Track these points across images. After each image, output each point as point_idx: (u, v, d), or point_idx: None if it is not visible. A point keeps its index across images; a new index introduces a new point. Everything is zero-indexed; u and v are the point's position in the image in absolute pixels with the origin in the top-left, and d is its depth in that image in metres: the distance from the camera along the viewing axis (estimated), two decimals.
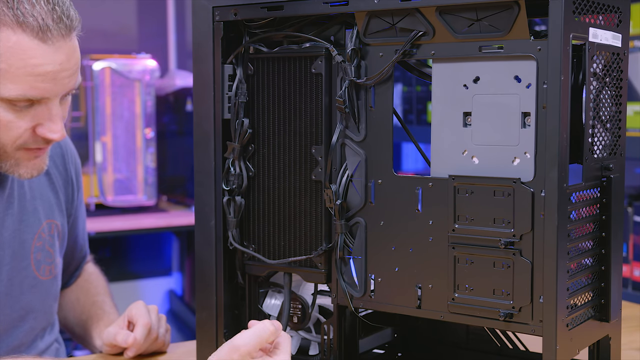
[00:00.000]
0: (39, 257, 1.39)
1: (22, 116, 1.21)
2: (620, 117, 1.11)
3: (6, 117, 1.20)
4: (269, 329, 1.08)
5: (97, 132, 2.77)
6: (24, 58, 1.17)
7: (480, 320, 1.05)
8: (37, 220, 1.39)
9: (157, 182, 2.91)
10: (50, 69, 1.18)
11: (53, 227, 1.43)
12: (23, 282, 1.36)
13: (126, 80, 2.80)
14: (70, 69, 1.22)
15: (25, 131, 1.23)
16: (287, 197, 1.18)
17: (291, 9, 1.14)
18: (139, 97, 2.82)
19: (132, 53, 2.87)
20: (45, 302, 1.41)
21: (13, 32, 1.16)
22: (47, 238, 1.41)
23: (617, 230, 1.08)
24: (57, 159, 1.46)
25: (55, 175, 1.45)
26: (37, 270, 1.38)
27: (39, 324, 1.41)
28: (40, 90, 1.19)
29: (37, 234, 1.39)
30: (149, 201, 2.87)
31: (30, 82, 1.18)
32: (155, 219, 2.82)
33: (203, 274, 1.23)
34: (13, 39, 1.16)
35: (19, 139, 1.23)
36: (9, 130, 1.22)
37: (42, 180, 1.43)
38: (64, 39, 1.19)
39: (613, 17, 1.07)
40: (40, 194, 1.41)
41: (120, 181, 2.84)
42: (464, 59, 1.04)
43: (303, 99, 1.16)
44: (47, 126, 1.23)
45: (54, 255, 1.43)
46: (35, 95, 1.19)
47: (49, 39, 1.18)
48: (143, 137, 2.84)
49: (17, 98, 1.19)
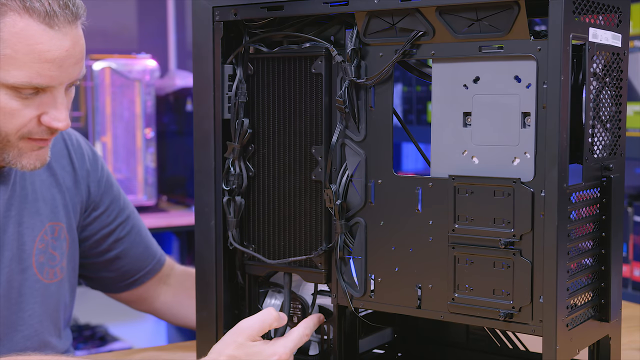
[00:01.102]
0: (41, 260, 1.37)
1: (27, 104, 1.21)
2: (620, 117, 1.11)
3: (11, 104, 1.20)
4: (273, 315, 1.16)
5: (97, 132, 2.77)
6: (30, 44, 1.17)
7: (480, 320, 1.05)
8: (40, 223, 1.38)
9: (157, 182, 2.91)
10: (57, 54, 1.18)
11: (57, 229, 1.41)
12: (23, 285, 1.35)
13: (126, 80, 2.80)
14: (76, 56, 1.22)
15: (30, 120, 1.22)
16: (287, 197, 1.18)
17: (291, 9, 1.14)
18: (139, 97, 2.82)
19: (132, 53, 2.87)
20: (49, 305, 1.40)
21: (20, 17, 1.16)
22: (50, 241, 1.39)
23: (617, 230, 1.08)
24: (63, 159, 1.44)
25: (62, 176, 1.43)
26: (40, 273, 1.37)
27: (44, 328, 1.39)
28: (46, 78, 1.19)
29: (39, 237, 1.37)
30: (149, 201, 2.87)
31: (37, 68, 1.18)
32: (155, 219, 2.81)
33: (203, 274, 1.23)
34: (20, 25, 1.16)
35: (24, 128, 1.22)
36: (13, 118, 1.21)
37: (46, 181, 1.41)
38: (70, 25, 1.19)
39: (613, 17, 1.07)
40: (43, 196, 1.39)
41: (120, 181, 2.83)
42: (464, 59, 1.04)
43: (303, 99, 1.16)
44: (52, 115, 1.22)
45: (59, 258, 1.41)
46: (41, 82, 1.19)
47: (56, 25, 1.18)
48: (143, 137, 2.84)
49: (23, 85, 1.18)
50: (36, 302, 1.37)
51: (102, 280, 1.55)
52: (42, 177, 1.40)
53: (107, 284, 1.56)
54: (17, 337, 1.35)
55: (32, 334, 1.37)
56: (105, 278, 1.54)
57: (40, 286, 1.37)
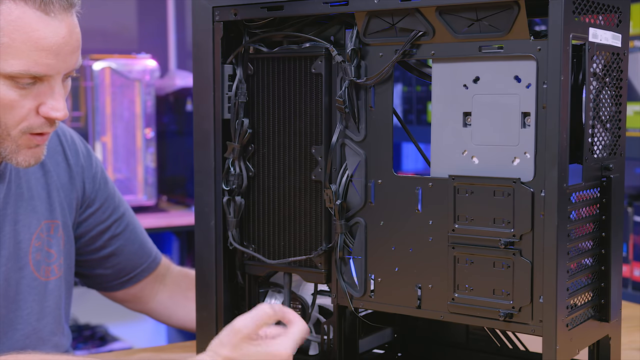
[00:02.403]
0: (38, 258, 1.38)
1: (25, 95, 1.21)
2: (620, 117, 1.11)
3: (9, 95, 1.20)
4: (267, 313, 1.14)
5: (97, 132, 2.77)
6: (27, 31, 1.16)
7: (480, 320, 1.05)
8: (36, 221, 1.38)
9: (157, 182, 2.91)
10: (53, 42, 1.18)
11: (53, 227, 1.41)
12: (20, 283, 1.35)
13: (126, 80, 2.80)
14: (72, 44, 1.21)
15: (29, 112, 1.22)
16: (287, 197, 1.18)
17: (291, 9, 1.14)
18: (139, 97, 2.82)
19: (132, 53, 2.87)
20: (48, 303, 1.40)
21: (15, 4, 1.16)
22: (46, 238, 1.40)
23: (617, 230, 1.08)
24: (57, 156, 1.44)
25: (57, 173, 1.43)
26: (37, 271, 1.37)
27: (43, 326, 1.39)
28: (43, 66, 1.19)
29: (36, 235, 1.37)
30: (149, 201, 2.87)
31: (34, 56, 1.18)
32: (155, 219, 2.81)
33: (203, 274, 1.23)
34: (15, 12, 1.16)
35: (24, 122, 1.22)
36: (12, 109, 1.21)
37: (41, 179, 1.41)
38: (65, 12, 1.19)
39: (613, 17, 1.07)
40: (39, 194, 1.39)
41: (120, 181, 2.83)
42: (464, 59, 1.04)
43: (303, 99, 1.16)
44: (49, 104, 1.22)
45: (56, 255, 1.41)
46: (39, 71, 1.19)
47: (52, 11, 1.17)
48: (143, 137, 2.84)
49: (20, 74, 1.18)
50: (34, 300, 1.37)
51: (97, 278, 1.55)
52: (37, 175, 1.40)
53: (102, 282, 1.56)
54: (16, 335, 1.35)
55: (31, 332, 1.37)
56: (101, 275, 1.54)
57: (38, 284, 1.37)
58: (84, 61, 2.68)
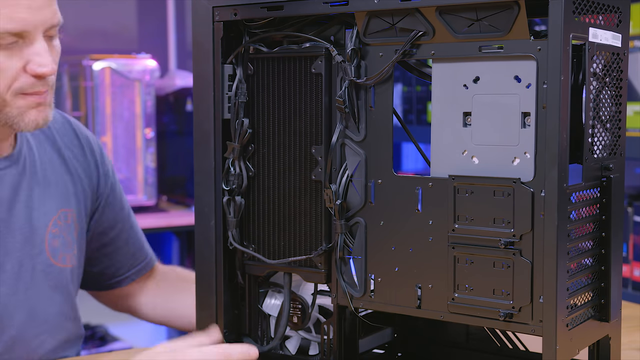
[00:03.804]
0: (55, 244, 1.38)
1: (9, 55, 1.23)
2: (620, 117, 1.11)
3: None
4: None
5: (97, 132, 2.77)
6: None
7: (480, 320, 1.05)
8: (53, 208, 1.39)
9: (157, 182, 2.91)
10: None
11: (69, 215, 1.42)
12: (35, 268, 1.36)
13: (126, 80, 2.80)
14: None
15: (18, 72, 1.24)
16: (287, 197, 1.18)
17: (291, 9, 1.14)
18: (139, 97, 2.82)
19: (132, 53, 2.87)
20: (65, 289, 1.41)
21: None
22: (64, 226, 1.41)
23: (617, 230, 1.08)
24: (75, 148, 1.47)
25: (73, 165, 1.45)
26: (54, 258, 1.38)
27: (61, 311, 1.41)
28: (19, 22, 1.21)
29: (52, 221, 1.38)
30: (149, 201, 2.87)
31: (7, 13, 1.19)
32: (155, 219, 2.82)
33: (203, 274, 1.23)
34: None
35: (15, 83, 1.24)
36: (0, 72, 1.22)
37: (59, 168, 1.43)
38: None
39: (613, 17, 1.07)
40: (56, 181, 1.41)
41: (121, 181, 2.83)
42: (464, 59, 1.04)
43: (303, 99, 1.16)
44: (35, 61, 1.24)
45: (71, 243, 1.42)
46: (15, 27, 1.21)
47: None
48: (143, 137, 2.84)
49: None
50: (50, 286, 1.37)
51: (93, 276, 1.56)
52: (55, 164, 1.42)
53: (97, 281, 1.57)
54: (33, 321, 1.35)
55: (46, 318, 1.37)
56: (97, 273, 1.55)
57: (54, 270, 1.38)
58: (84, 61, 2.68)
